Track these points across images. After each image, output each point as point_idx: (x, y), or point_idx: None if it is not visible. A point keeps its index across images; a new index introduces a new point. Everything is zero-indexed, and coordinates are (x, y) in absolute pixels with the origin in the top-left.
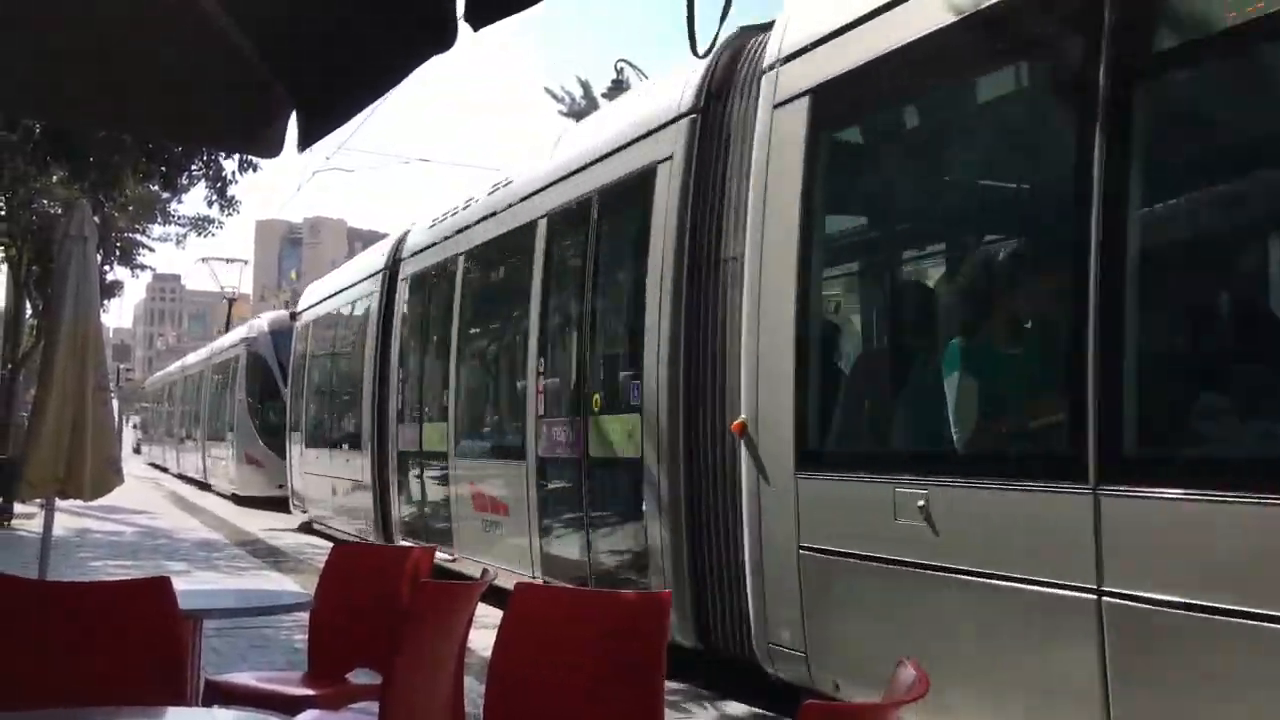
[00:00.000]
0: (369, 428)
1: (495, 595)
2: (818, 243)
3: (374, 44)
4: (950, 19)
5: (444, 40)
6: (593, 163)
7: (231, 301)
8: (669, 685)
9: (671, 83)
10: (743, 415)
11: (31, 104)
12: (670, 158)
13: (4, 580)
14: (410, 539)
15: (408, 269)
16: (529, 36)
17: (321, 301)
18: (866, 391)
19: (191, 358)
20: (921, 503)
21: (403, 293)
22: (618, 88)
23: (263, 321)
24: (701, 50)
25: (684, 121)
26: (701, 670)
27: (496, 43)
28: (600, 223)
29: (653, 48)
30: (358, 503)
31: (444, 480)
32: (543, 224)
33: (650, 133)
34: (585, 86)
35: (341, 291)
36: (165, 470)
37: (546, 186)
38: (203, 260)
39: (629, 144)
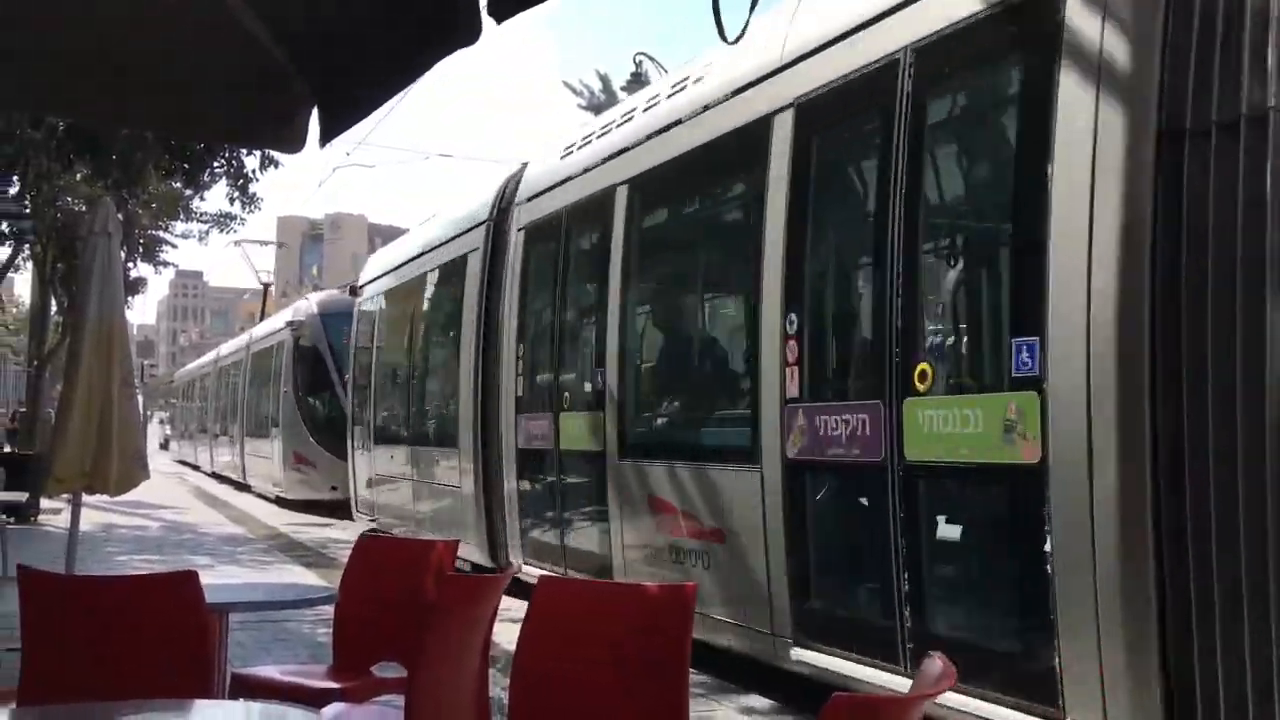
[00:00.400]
0: (469, 420)
1: (515, 587)
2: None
3: (397, 38)
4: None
5: (469, 33)
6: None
7: (267, 287)
8: (691, 677)
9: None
10: None
11: (55, 102)
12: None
13: (34, 575)
14: (545, 564)
15: (526, 215)
16: (546, 31)
17: (392, 270)
18: None
19: (227, 347)
20: None
21: (518, 246)
22: (637, 81)
23: (310, 303)
24: (731, 38)
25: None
26: (724, 663)
27: (513, 38)
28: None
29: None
30: (452, 513)
31: (598, 490)
32: (787, 117)
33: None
34: (604, 80)
35: (422, 255)
36: (197, 468)
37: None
38: (235, 244)
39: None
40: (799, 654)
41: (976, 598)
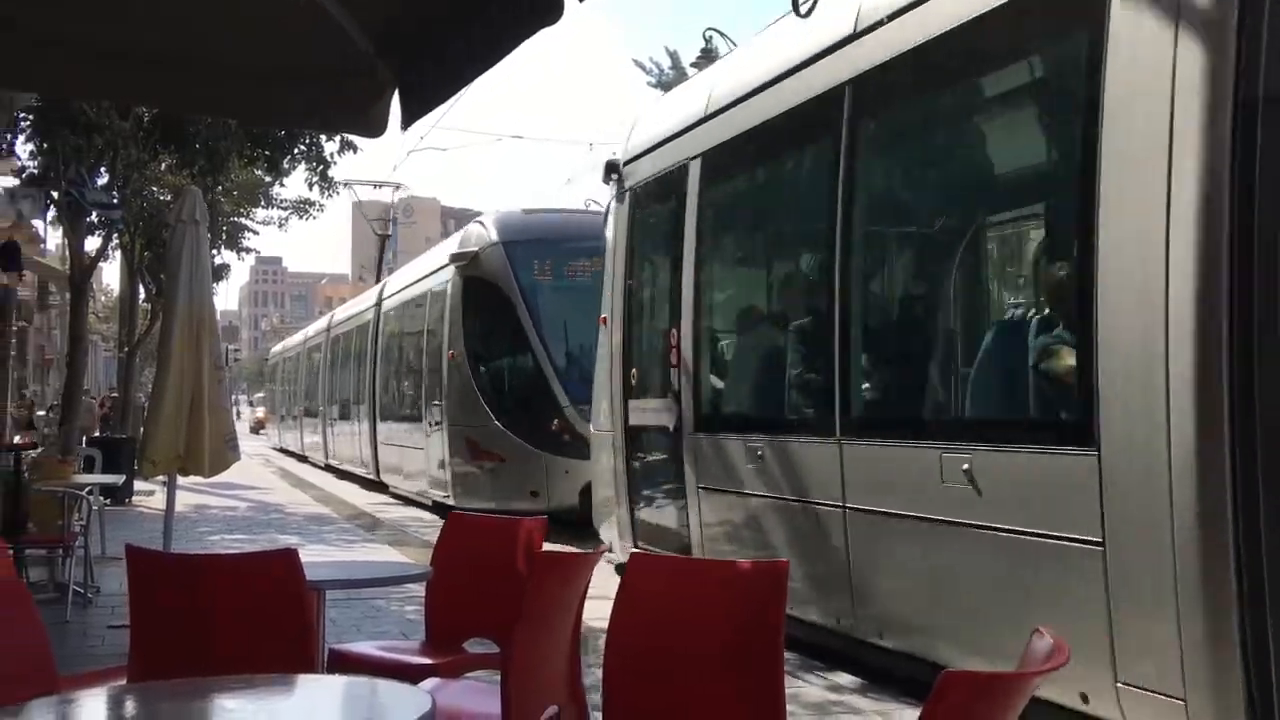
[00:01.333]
0: None
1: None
2: None
3: (479, 19)
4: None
5: (551, 12)
6: None
7: (384, 240)
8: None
9: None
10: None
11: (141, 92)
12: None
13: (142, 554)
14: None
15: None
16: (614, 9)
17: (726, 109)
18: None
19: (343, 311)
20: None
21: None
22: (706, 57)
23: (487, 227)
24: (804, 10)
25: None
26: (809, 641)
27: (582, 16)
28: None
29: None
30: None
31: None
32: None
33: None
34: (674, 57)
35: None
36: (303, 459)
37: None
38: (344, 185)
39: None
40: None
41: None
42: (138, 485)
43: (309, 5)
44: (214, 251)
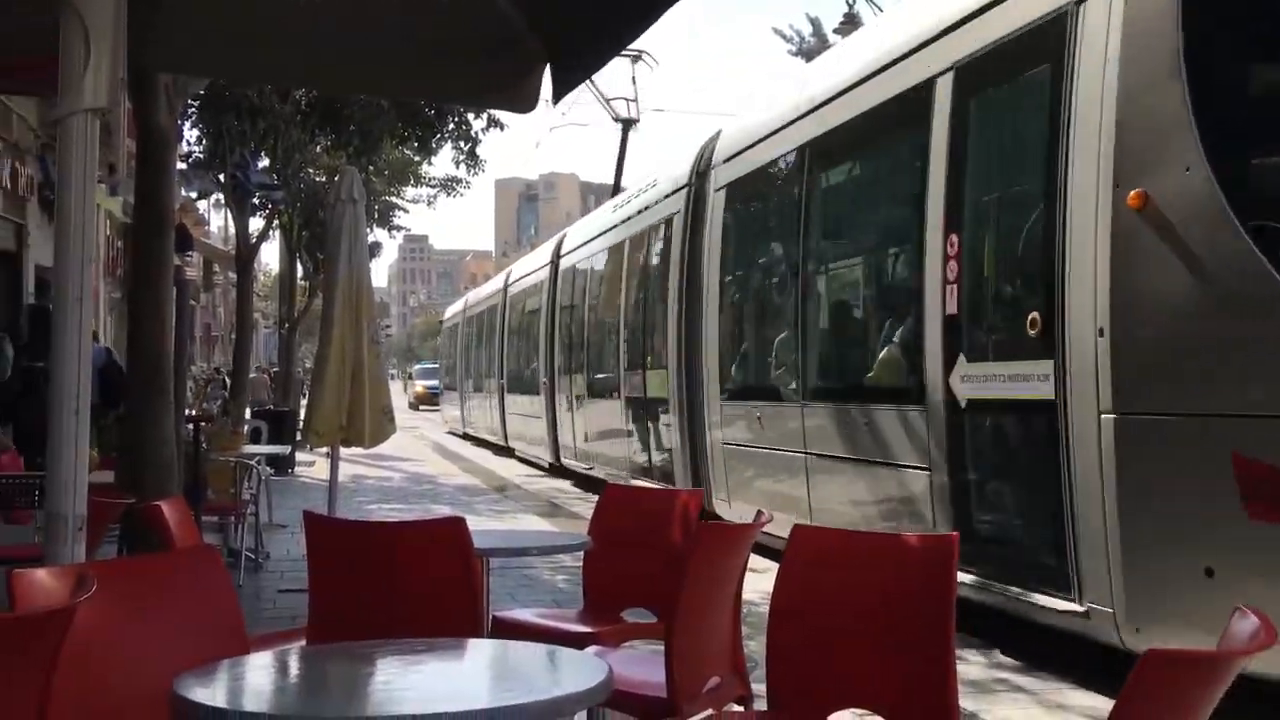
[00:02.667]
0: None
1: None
2: None
3: None
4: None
5: None
6: None
7: (628, 127)
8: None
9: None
10: None
11: (299, 75)
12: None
13: (319, 521)
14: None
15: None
16: None
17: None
18: None
19: (589, 226)
20: None
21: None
22: (850, 23)
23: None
24: None
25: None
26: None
27: None
28: None
29: None
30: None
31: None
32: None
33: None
34: (815, 24)
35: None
36: (508, 452)
37: None
38: (551, 130)
39: None
40: None
41: None
42: (299, 456)
43: None
44: (367, 230)
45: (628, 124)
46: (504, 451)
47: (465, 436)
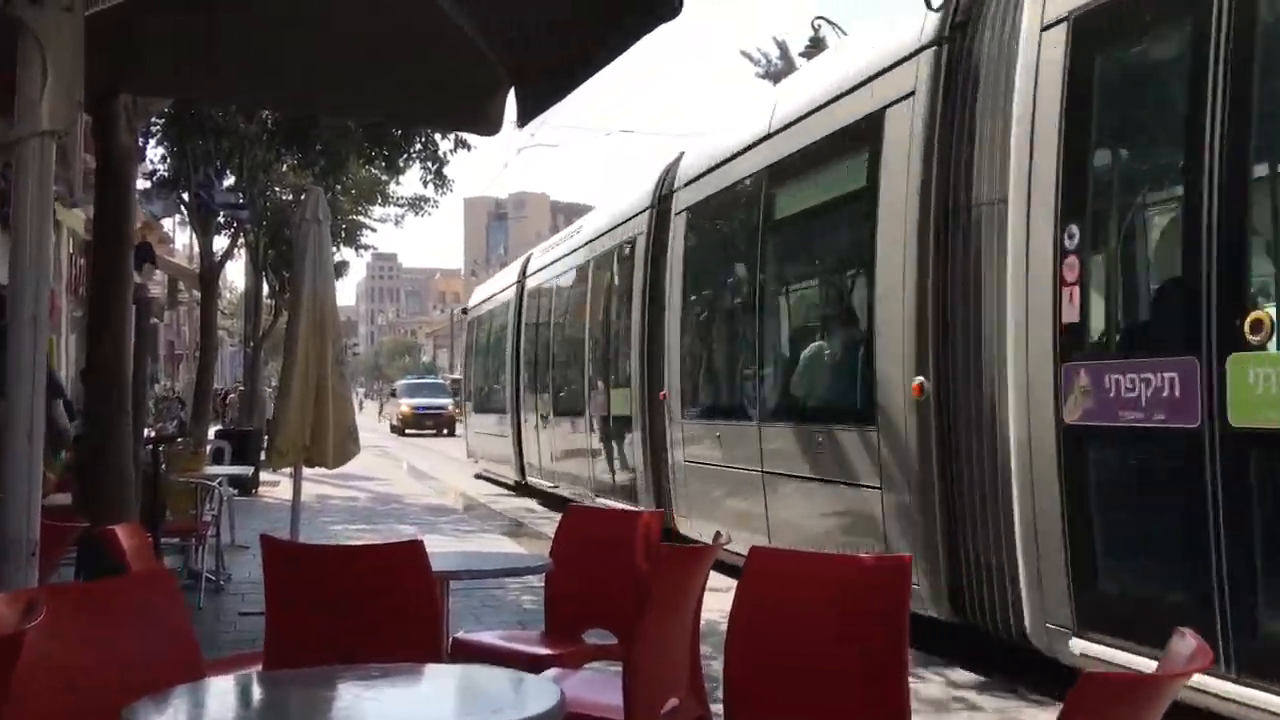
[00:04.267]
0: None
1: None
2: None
3: (595, 17)
4: None
5: (668, 7)
6: None
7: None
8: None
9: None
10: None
11: (265, 96)
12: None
13: (276, 544)
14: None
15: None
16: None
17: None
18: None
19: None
20: None
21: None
22: (816, 47)
23: None
24: (936, 3)
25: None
26: (923, 636)
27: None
28: None
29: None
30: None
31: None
32: None
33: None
34: (782, 47)
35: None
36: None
37: None
38: (519, 152)
39: None
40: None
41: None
42: (264, 476)
43: (428, 5)
44: (334, 249)
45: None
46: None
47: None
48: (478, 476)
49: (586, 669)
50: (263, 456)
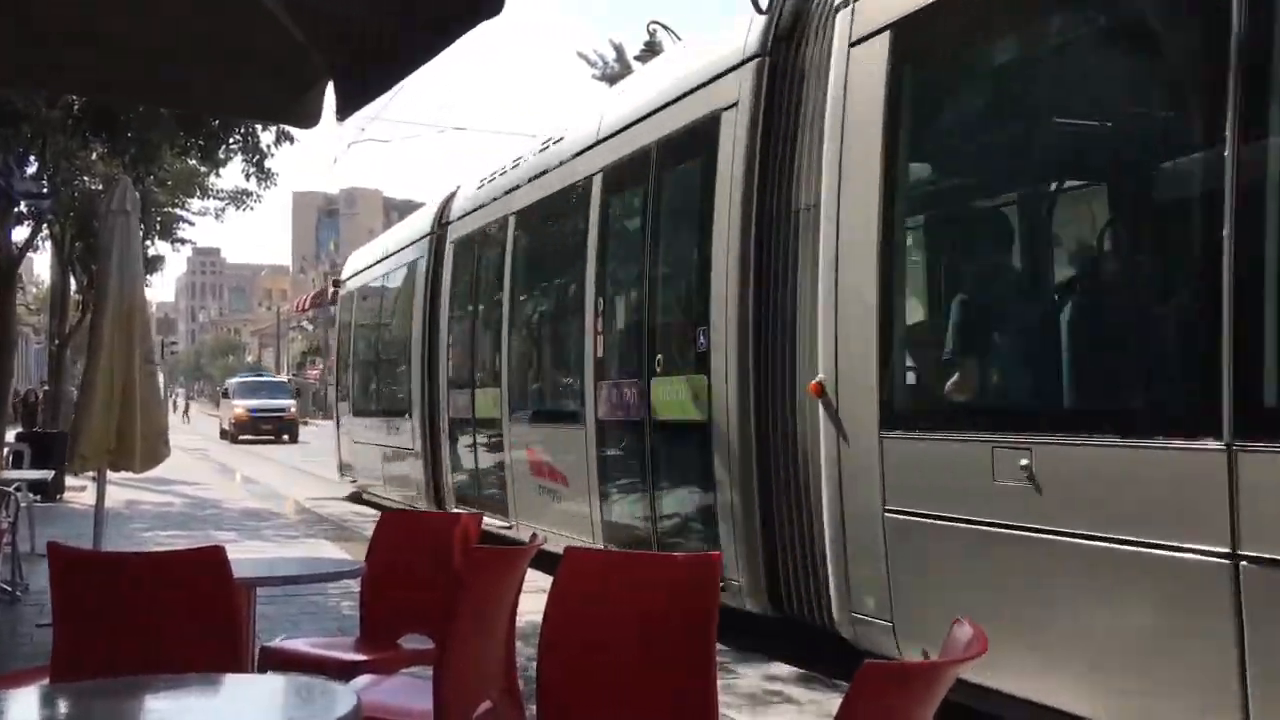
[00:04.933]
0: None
1: (543, 560)
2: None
3: (417, 11)
4: None
5: (491, 5)
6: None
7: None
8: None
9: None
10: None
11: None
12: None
13: (64, 551)
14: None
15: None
16: (561, 1)
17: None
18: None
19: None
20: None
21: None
22: (650, 50)
23: None
24: (764, 5)
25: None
26: (749, 630)
27: (528, 7)
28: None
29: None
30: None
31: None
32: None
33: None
34: (618, 49)
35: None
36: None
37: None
38: (349, 146)
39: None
40: None
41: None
42: (71, 481)
43: None
44: (148, 243)
45: None
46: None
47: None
48: (356, 499)
49: (402, 674)
50: (67, 460)
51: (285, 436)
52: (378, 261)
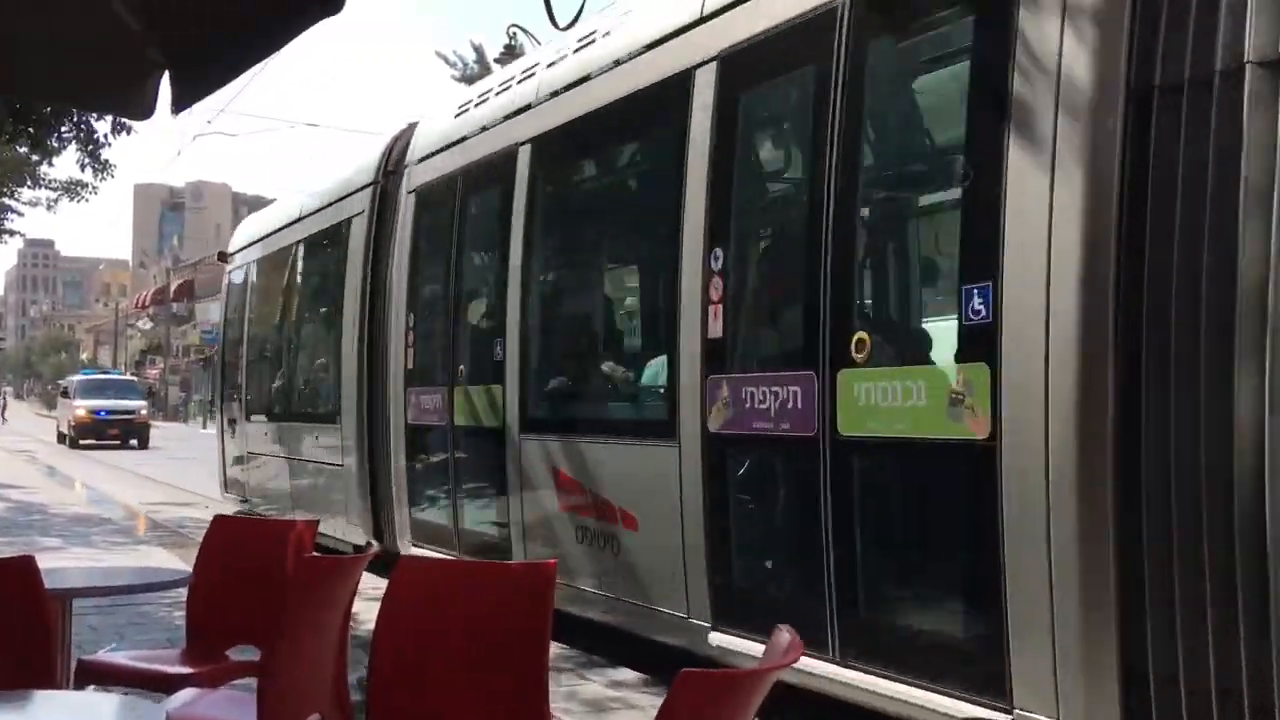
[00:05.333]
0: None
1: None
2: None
3: (256, 6)
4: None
5: (331, 3)
6: None
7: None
8: (563, 652)
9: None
10: None
11: None
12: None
13: None
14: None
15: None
16: (419, 1)
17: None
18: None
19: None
20: None
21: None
22: (510, 53)
23: None
24: (563, 24)
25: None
26: (594, 637)
27: (385, 7)
28: None
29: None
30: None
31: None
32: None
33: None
34: (479, 51)
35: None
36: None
37: None
38: (194, 139)
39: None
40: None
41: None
42: None
43: None
44: None
45: None
46: None
47: None
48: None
49: (228, 687)
50: None
51: (133, 441)
52: (284, 226)
